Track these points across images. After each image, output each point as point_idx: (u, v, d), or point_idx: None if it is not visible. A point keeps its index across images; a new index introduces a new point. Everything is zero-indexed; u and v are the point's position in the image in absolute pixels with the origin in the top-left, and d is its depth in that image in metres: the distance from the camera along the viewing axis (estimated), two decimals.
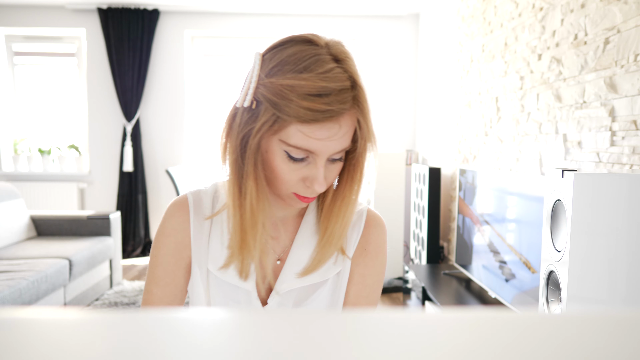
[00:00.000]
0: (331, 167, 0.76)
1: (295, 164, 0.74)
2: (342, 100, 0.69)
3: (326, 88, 0.68)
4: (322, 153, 0.72)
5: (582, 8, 1.99)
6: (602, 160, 1.85)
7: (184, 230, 0.86)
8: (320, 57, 0.70)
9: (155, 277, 0.87)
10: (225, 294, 0.84)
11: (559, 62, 2.16)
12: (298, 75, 0.69)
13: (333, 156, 0.74)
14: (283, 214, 0.87)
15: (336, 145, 0.72)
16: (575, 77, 2.03)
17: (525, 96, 2.49)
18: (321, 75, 0.69)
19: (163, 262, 0.86)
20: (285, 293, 0.85)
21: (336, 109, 0.69)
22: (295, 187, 0.76)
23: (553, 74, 2.21)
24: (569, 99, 2.08)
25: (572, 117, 2.06)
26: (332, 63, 0.70)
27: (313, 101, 0.68)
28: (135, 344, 0.22)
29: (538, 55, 2.35)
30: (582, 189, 1.29)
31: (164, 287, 0.86)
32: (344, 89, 0.70)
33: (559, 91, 2.16)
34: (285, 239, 0.88)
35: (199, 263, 0.86)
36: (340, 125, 0.71)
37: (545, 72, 2.29)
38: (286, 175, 0.75)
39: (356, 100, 0.72)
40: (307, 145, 0.71)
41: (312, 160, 0.74)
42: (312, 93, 0.68)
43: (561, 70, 2.14)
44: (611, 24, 1.81)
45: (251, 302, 0.84)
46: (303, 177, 0.75)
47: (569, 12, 2.09)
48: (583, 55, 1.98)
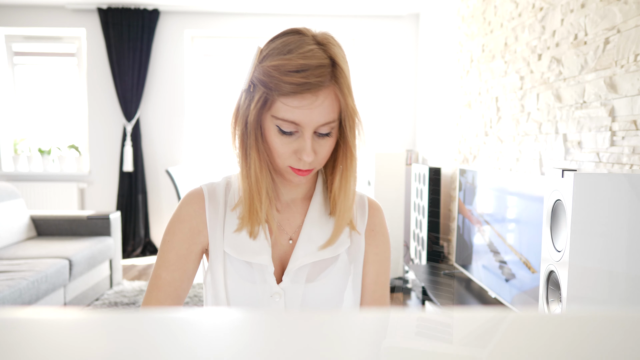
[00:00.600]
0: (321, 142, 0.84)
1: (286, 138, 0.83)
2: (319, 74, 0.79)
3: (304, 65, 0.79)
4: (306, 124, 0.81)
5: (582, 8, 1.99)
6: (602, 160, 1.85)
7: (199, 216, 0.93)
8: (304, 41, 0.81)
9: (166, 262, 0.92)
10: (242, 275, 0.91)
11: (559, 62, 2.16)
12: (283, 56, 0.80)
13: (319, 130, 0.82)
14: (291, 196, 0.95)
15: (318, 117, 0.81)
16: (575, 77, 2.03)
17: (525, 96, 2.49)
18: (301, 55, 0.79)
19: (176, 246, 0.92)
20: (297, 270, 0.91)
21: (313, 82, 0.78)
22: (289, 160, 0.85)
23: (553, 73, 2.21)
24: (568, 99, 2.08)
25: (572, 117, 2.06)
26: (313, 45, 0.81)
27: (292, 76, 0.78)
28: (135, 343, 0.22)
29: (538, 55, 2.35)
30: (582, 189, 1.29)
31: (173, 271, 0.92)
32: (321, 65, 0.79)
33: (559, 91, 2.16)
34: (296, 220, 0.95)
35: (216, 247, 0.92)
36: (318, 97, 0.80)
37: (545, 72, 2.29)
38: (280, 148, 0.84)
39: (335, 77, 0.81)
40: (292, 117, 0.80)
41: (301, 133, 0.83)
42: (292, 70, 0.79)
43: (561, 70, 2.15)
44: (611, 24, 1.81)
45: (266, 279, 0.90)
46: (294, 150, 0.84)
47: (569, 12, 2.09)
48: (583, 55, 1.98)
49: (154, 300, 0.91)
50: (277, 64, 0.80)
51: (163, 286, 0.91)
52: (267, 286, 0.90)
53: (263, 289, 0.90)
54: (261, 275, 0.90)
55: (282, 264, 0.93)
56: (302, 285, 0.91)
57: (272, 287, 0.90)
